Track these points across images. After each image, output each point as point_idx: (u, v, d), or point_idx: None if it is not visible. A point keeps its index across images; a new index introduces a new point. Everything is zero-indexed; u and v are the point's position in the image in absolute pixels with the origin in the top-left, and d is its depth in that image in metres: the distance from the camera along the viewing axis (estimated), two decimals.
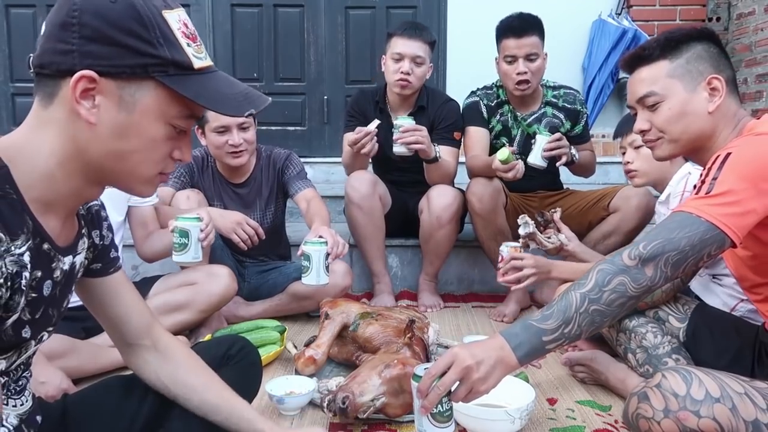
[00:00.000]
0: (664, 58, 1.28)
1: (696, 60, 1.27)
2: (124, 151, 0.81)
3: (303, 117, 4.08)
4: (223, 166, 2.31)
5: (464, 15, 3.95)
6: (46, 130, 0.80)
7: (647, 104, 1.31)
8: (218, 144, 2.16)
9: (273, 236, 2.39)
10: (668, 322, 1.54)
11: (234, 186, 2.33)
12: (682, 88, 1.27)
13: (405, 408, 1.40)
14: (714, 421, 1.03)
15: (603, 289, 1.06)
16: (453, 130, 2.52)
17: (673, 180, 1.78)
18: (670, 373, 1.09)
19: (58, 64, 0.77)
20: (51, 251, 0.83)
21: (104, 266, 1.01)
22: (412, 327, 1.58)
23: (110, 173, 0.83)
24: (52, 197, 0.82)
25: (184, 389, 1.04)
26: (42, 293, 0.82)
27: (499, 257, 1.94)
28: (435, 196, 2.40)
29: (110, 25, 0.76)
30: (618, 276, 1.06)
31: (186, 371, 1.05)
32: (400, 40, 2.42)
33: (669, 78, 1.28)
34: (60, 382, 1.47)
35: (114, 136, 0.80)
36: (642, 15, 3.90)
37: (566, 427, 1.42)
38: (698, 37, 1.28)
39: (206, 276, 1.95)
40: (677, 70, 1.27)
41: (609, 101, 3.91)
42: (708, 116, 1.26)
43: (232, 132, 2.13)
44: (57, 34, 0.77)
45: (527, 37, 2.33)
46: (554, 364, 1.83)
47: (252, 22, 4.01)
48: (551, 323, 1.05)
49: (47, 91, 0.79)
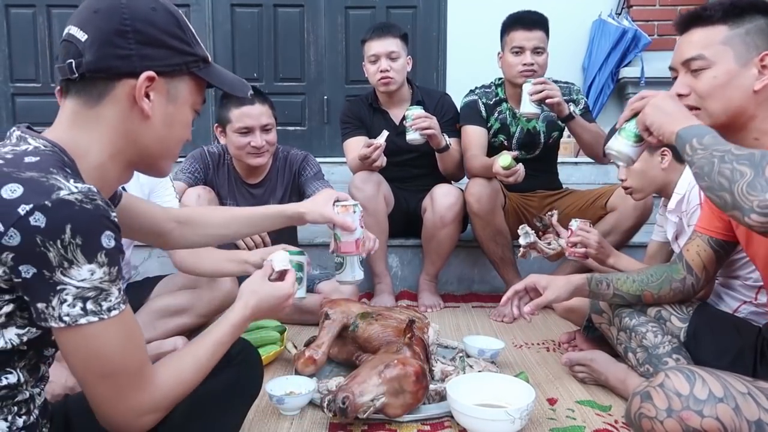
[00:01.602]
0: (724, 23, 1.21)
1: (756, 32, 1.19)
2: (169, 137, 0.95)
3: (303, 117, 4.08)
4: (240, 165, 2.31)
5: (464, 15, 3.95)
6: (95, 127, 0.89)
7: (692, 68, 1.23)
8: (240, 145, 2.18)
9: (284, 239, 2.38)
10: (670, 322, 1.54)
11: (249, 186, 2.34)
12: (733, 59, 1.19)
13: (405, 408, 1.40)
14: (717, 420, 1.03)
15: (733, 163, 1.03)
16: (455, 122, 2.58)
17: (680, 185, 1.77)
18: (673, 373, 1.09)
19: (118, 68, 0.88)
20: None
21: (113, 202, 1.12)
22: (412, 327, 1.58)
23: (152, 157, 0.96)
24: (101, 186, 0.86)
25: (221, 230, 1.41)
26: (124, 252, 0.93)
27: (569, 231, 1.96)
28: (439, 195, 2.41)
29: (160, 30, 0.89)
30: (749, 168, 1.01)
31: (209, 220, 1.40)
32: (372, 43, 2.50)
33: (723, 45, 1.20)
34: (66, 380, 1.47)
35: (164, 126, 0.93)
36: (642, 15, 3.89)
37: (566, 427, 1.42)
38: (765, 10, 1.21)
39: (208, 280, 1.95)
40: (734, 38, 1.19)
41: (609, 101, 3.90)
42: (752, 94, 1.19)
43: (255, 133, 2.15)
44: (114, 41, 0.87)
45: (536, 30, 2.36)
46: (554, 364, 1.82)
47: (252, 22, 4.01)
48: (708, 140, 1.09)
49: (96, 92, 0.88)
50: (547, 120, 2.52)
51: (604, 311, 1.65)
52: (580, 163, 3.67)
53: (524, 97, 2.25)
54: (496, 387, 1.45)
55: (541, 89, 2.22)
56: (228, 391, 1.09)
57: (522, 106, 2.26)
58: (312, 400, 1.51)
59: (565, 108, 2.30)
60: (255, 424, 1.42)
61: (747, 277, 1.58)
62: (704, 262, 1.48)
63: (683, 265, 1.51)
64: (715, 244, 1.47)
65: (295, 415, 1.49)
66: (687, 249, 1.52)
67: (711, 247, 1.48)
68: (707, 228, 1.48)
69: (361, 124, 2.63)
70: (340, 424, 1.42)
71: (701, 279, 1.50)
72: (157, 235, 1.31)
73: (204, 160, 2.30)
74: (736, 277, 1.61)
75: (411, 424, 1.42)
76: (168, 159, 0.99)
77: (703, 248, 1.48)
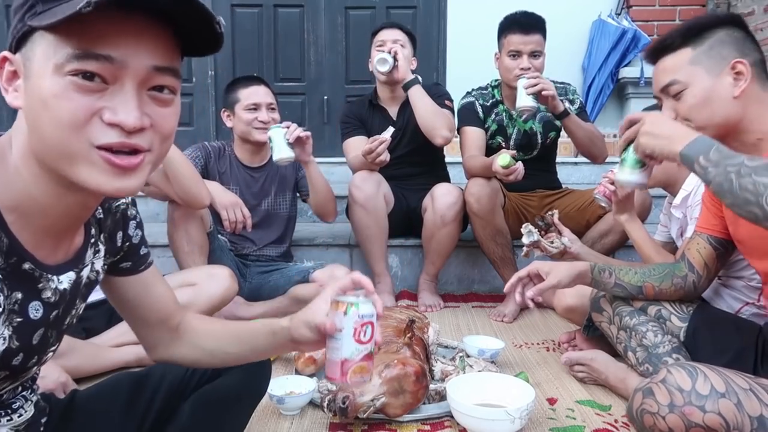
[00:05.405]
0: (686, 45, 1.28)
1: (719, 45, 1.26)
2: (39, 125, 0.66)
3: (303, 117, 4.08)
4: (242, 150, 2.40)
5: (464, 15, 3.96)
6: (17, 128, 0.71)
7: (671, 93, 1.30)
8: (248, 120, 2.30)
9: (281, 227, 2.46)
10: (670, 321, 1.54)
11: (250, 170, 2.41)
12: (706, 75, 1.26)
13: (405, 408, 1.40)
14: (719, 416, 1.03)
15: (752, 176, 1.03)
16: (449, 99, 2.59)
17: (689, 182, 1.77)
18: (675, 369, 1.09)
19: None
20: (35, 271, 0.74)
21: (134, 264, 0.94)
22: (412, 327, 1.58)
23: (53, 162, 0.68)
24: (28, 206, 0.71)
25: (209, 346, 1.01)
26: (28, 317, 0.74)
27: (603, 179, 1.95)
28: (439, 195, 2.41)
29: None
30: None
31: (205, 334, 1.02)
32: (381, 32, 2.55)
33: (691, 65, 1.27)
34: (58, 376, 1.47)
35: (29, 113, 0.67)
36: (642, 15, 3.90)
37: (566, 427, 1.42)
38: (721, 23, 1.28)
39: (207, 277, 1.96)
40: (700, 56, 1.26)
41: (609, 101, 3.91)
42: (734, 101, 1.25)
43: (262, 110, 2.31)
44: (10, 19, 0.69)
45: (533, 34, 2.35)
46: (554, 364, 1.83)
47: (252, 22, 4.01)
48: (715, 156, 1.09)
49: None
50: (543, 120, 2.52)
51: (605, 310, 1.65)
52: (579, 163, 3.68)
53: (520, 91, 2.25)
54: (496, 387, 1.45)
55: (535, 83, 2.22)
56: (236, 391, 1.08)
57: (518, 100, 2.26)
58: (312, 400, 1.51)
59: (560, 104, 2.30)
60: (255, 424, 1.42)
61: (750, 278, 1.58)
62: (705, 260, 1.49)
63: (685, 263, 1.52)
64: (714, 242, 1.48)
65: (296, 415, 1.49)
66: (688, 247, 1.53)
67: (711, 245, 1.49)
68: (706, 227, 1.49)
69: (361, 124, 2.64)
70: (340, 424, 1.42)
71: (702, 276, 1.50)
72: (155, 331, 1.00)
73: (205, 150, 2.35)
74: (739, 278, 1.61)
75: (411, 424, 1.42)
76: (67, 161, 0.67)
77: (703, 246, 1.49)
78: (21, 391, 0.86)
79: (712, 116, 1.26)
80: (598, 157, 2.48)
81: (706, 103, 1.26)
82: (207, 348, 1.01)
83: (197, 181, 2.03)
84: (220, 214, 2.17)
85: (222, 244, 2.31)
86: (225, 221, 2.17)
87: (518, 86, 2.25)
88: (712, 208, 1.47)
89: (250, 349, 1.01)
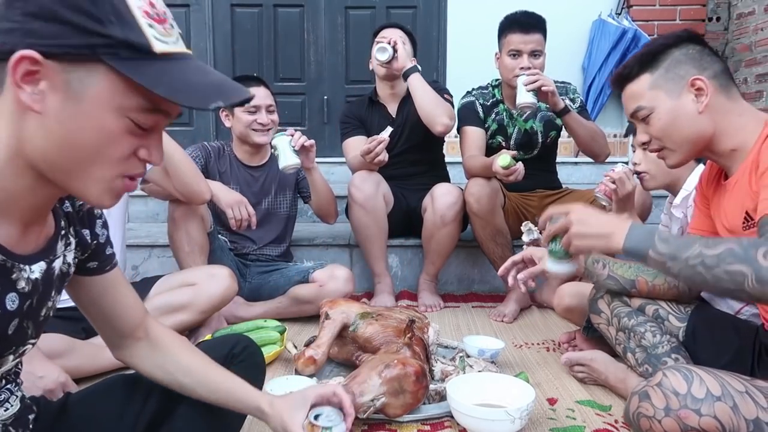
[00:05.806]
0: (644, 71, 1.33)
1: (675, 66, 1.30)
2: (74, 144, 0.71)
3: (303, 117, 4.08)
4: (242, 150, 2.41)
5: (464, 15, 3.96)
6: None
7: (639, 118, 1.36)
8: (247, 122, 2.31)
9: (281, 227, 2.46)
10: (668, 321, 1.54)
11: (250, 168, 2.42)
12: (667, 97, 1.30)
13: (405, 408, 1.40)
14: (715, 419, 1.03)
15: (721, 266, 1.02)
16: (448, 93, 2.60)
17: (689, 182, 1.78)
18: (671, 372, 1.09)
19: (2, 45, 0.68)
20: (6, 261, 0.75)
21: (100, 264, 0.96)
22: (412, 327, 1.58)
23: (60, 171, 0.73)
24: (3, 198, 0.73)
25: (179, 374, 1.01)
26: (5, 308, 0.76)
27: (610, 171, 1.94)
28: (439, 194, 2.41)
29: (56, 0, 0.67)
30: (743, 265, 1.00)
31: (178, 356, 1.03)
32: (382, 32, 2.56)
33: (652, 90, 1.32)
34: (57, 376, 1.47)
35: (62, 127, 0.70)
36: (642, 15, 3.90)
37: (566, 427, 1.42)
38: (675, 43, 1.31)
39: (207, 277, 1.96)
40: (658, 80, 1.31)
41: (609, 101, 3.91)
42: (700, 117, 1.28)
43: (261, 112, 2.31)
44: (2, 13, 0.69)
45: (534, 33, 2.35)
46: (554, 364, 1.83)
47: (252, 22, 4.01)
48: (664, 248, 1.09)
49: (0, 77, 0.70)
50: (544, 120, 2.52)
51: (602, 311, 1.65)
52: (579, 163, 3.68)
53: (519, 88, 2.24)
54: (496, 387, 1.45)
55: (535, 79, 2.22)
56: None
57: (518, 97, 2.25)
58: None
59: (560, 101, 2.30)
60: (255, 423, 1.41)
61: None
62: None
63: None
64: None
65: None
66: None
67: None
68: (698, 228, 1.50)
69: (361, 124, 2.64)
70: None
71: None
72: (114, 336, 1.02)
73: (205, 149, 2.36)
74: None
75: (411, 424, 1.43)
76: (90, 180, 0.73)
77: None
78: (5, 384, 0.87)
79: (682, 135, 1.30)
80: (600, 155, 2.48)
81: (674, 124, 1.30)
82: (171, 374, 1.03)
83: (197, 176, 2.03)
84: (226, 212, 2.16)
85: (222, 244, 2.31)
86: (231, 219, 2.16)
87: (518, 83, 2.25)
88: (704, 209, 1.48)
89: (214, 399, 1.02)
